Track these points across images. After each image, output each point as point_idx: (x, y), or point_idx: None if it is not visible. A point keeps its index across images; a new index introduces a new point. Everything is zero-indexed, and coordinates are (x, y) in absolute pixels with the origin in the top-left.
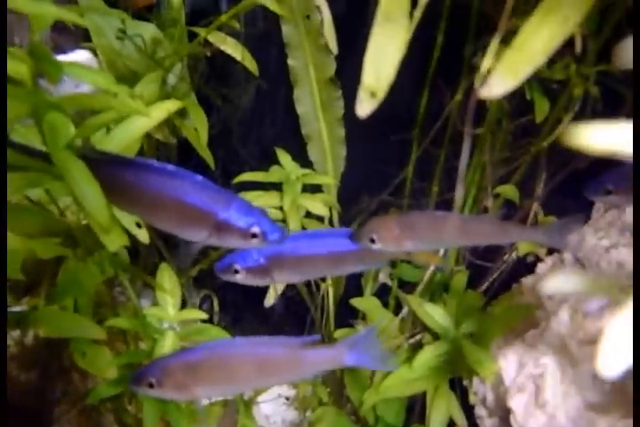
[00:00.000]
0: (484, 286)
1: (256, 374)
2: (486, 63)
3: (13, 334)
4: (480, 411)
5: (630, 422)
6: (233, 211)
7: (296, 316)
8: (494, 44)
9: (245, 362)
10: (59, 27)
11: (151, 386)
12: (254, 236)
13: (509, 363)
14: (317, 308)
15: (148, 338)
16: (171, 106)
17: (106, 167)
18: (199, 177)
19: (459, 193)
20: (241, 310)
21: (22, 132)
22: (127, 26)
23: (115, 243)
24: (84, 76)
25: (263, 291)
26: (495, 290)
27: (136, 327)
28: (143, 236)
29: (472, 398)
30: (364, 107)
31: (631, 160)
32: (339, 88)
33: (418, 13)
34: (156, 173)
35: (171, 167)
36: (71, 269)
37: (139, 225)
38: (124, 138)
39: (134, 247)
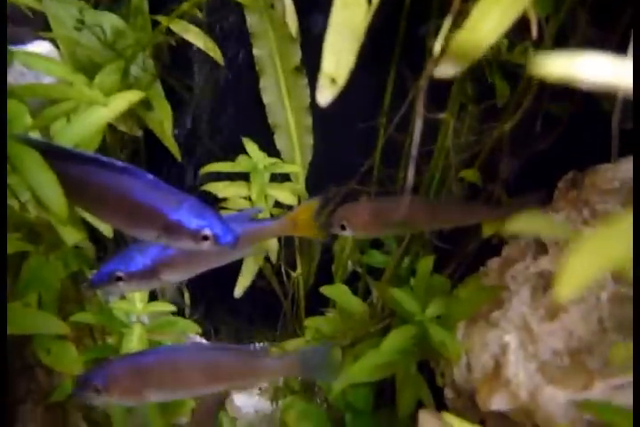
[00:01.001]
0: (450, 270)
1: (206, 379)
2: (438, 45)
3: None
4: (449, 393)
5: (589, 393)
6: (184, 211)
7: (267, 306)
8: (446, 26)
9: (195, 367)
10: (17, 17)
11: (97, 391)
12: (205, 238)
13: (474, 343)
14: (288, 297)
15: (115, 332)
16: (132, 96)
17: (51, 159)
18: (150, 175)
19: (410, 178)
20: (212, 303)
21: None
22: (88, 16)
23: (73, 236)
24: (39, 65)
25: (233, 283)
26: (461, 273)
27: (102, 322)
28: (106, 230)
29: (439, 381)
30: (325, 94)
31: None
32: (304, 77)
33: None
34: (103, 168)
35: (120, 163)
36: (34, 265)
37: None
38: (83, 129)
39: (100, 241)
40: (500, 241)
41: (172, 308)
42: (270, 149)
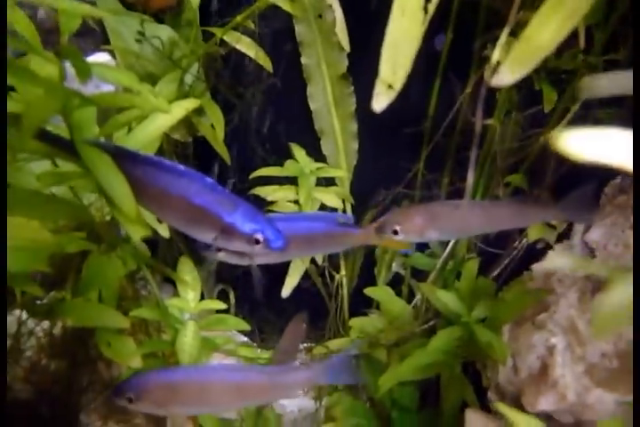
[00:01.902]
0: (495, 273)
1: (229, 398)
2: (496, 54)
3: (43, 325)
4: (492, 395)
5: None
6: (239, 216)
7: (311, 306)
8: (503, 36)
9: (220, 388)
10: (78, 30)
11: (130, 401)
12: (257, 242)
13: (520, 345)
14: (332, 298)
15: (170, 328)
16: (189, 104)
17: (119, 161)
18: (209, 179)
19: (469, 182)
20: (257, 303)
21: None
22: (145, 28)
23: (138, 233)
24: (109, 76)
25: (279, 284)
26: (506, 277)
27: (158, 317)
28: (163, 230)
29: (485, 382)
30: (381, 99)
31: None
32: (351, 84)
33: (432, 7)
34: (166, 170)
35: (181, 167)
36: (95, 263)
37: (160, 220)
38: (145, 136)
39: (155, 242)
40: (545, 245)
41: (223, 305)
42: (316, 154)
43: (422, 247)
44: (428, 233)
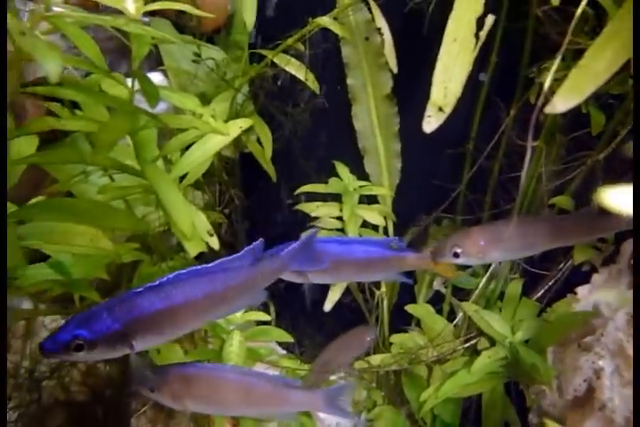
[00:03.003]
0: (539, 294)
1: (239, 400)
2: (548, 81)
3: None
4: (533, 418)
5: None
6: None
7: (351, 322)
8: (556, 62)
9: (231, 388)
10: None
11: (151, 390)
12: None
13: (566, 368)
14: (372, 314)
15: (217, 337)
16: (243, 124)
17: None
18: None
19: (518, 202)
20: (297, 317)
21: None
22: (196, 49)
23: (195, 248)
24: (173, 99)
25: (319, 298)
26: (550, 298)
27: (206, 327)
28: (214, 243)
29: (529, 402)
30: (432, 121)
31: None
32: (395, 104)
33: (483, 34)
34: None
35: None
36: (145, 272)
37: (210, 233)
38: (201, 154)
39: (200, 254)
40: (591, 267)
41: (268, 317)
42: (359, 172)
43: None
44: (490, 254)
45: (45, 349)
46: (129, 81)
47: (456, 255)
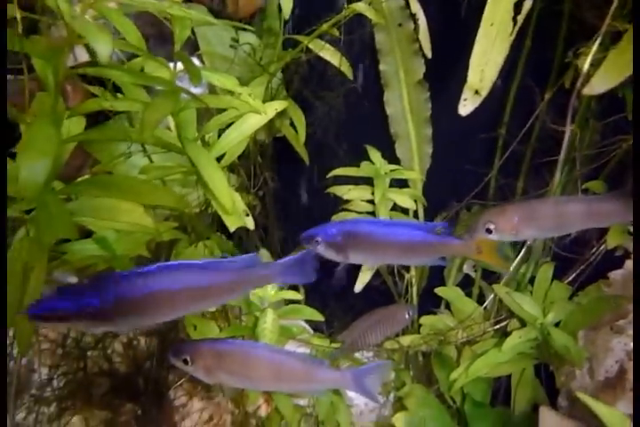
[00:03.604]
0: (571, 278)
1: (269, 376)
2: (587, 64)
3: None
4: (562, 400)
5: None
6: None
7: (380, 305)
8: (595, 45)
9: (263, 364)
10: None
11: (185, 362)
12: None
13: (597, 350)
14: (401, 297)
15: (251, 315)
16: (278, 105)
17: None
18: None
19: (555, 184)
20: (327, 298)
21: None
22: (233, 34)
23: (234, 223)
24: (213, 79)
25: (349, 280)
26: (581, 283)
27: (241, 305)
28: (250, 223)
29: (559, 383)
30: (468, 104)
31: None
32: (427, 90)
33: (521, 19)
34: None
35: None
36: (182, 251)
37: (246, 213)
38: (238, 134)
39: (231, 236)
40: (624, 252)
41: (300, 296)
42: (390, 157)
43: None
44: (524, 232)
45: (31, 313)
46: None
47: (489, 231)
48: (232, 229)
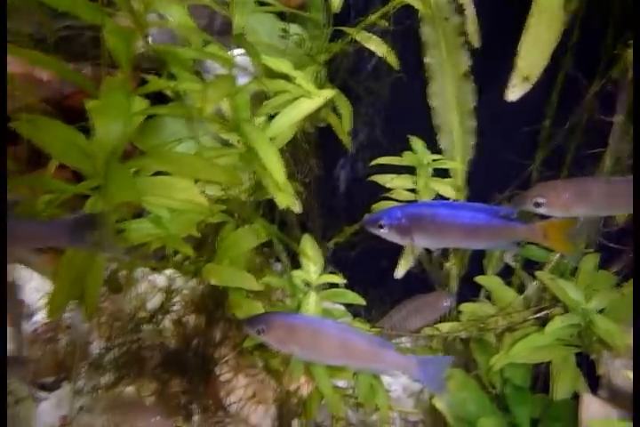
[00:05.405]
0: (616, 269)
1: (338, 352)
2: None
3: (189, 284)
4: (602, 393)
5: None
6: None
7: (420, 293)
8: None
9: (332, 339)
10: (223, 29)
11: (260, 332)
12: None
13: None
14: (441, 285)
15: (294, 297)
16: (328, 93)
17: None
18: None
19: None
20: (368, 286)
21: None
22: (277, 26)
23: (286, 201)
24: (269, 62)
25: (389, 268)
26: (626, 275)
27: (286, 286)
28: (297, 207)
29: (600, 371)
30: (516, 91)
31: None
32: (472, 82)
33: (572, 6)
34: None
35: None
36: (231, 234)
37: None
38: (288, 119)
39: (281, 220)
40: None
41: (343, 280)
42: (432, 148)
43: None
44: (574, 208)
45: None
46: None
47: (537, 205)
48: (282, 205)
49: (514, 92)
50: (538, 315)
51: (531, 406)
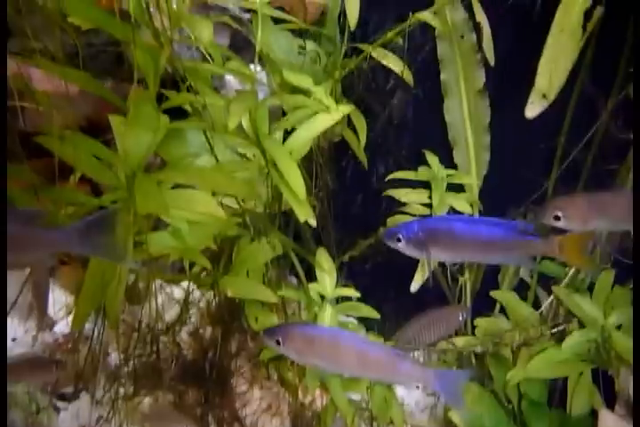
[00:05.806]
0: (633, 285)
1: (355, 363)
2: None
3: (206, 296)
4: (619, 409)
5: None
6: None
7: (434, 306)
8: None
9: (349, 350)
10: (240, 45)
11: (278, 343)
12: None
13: None
14: (455, 299)
15: (309, 310)
16: (345, 109)
17: None
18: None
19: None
20: (381, 299)
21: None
22: (293, 42)
23: (305, 213)
24: (290, 77)
25: (403, 282)
26: None
27: (302, 299)
28: (313, 221)
29: (617, 387)
30: (535, 108)
31: None
32: (487, 98)
33: (591, 26)
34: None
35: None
36: (244, 247)
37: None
38: (306, 134)
39: (295, 234)
40: None
41: (357, 294)
42: (447, 164)
43: None
44: (593, 221)
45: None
46: None
47: (557, 218)
48: (302, 218)
49: (532, 109)
50: (554, 330)
51: (547, 421)
